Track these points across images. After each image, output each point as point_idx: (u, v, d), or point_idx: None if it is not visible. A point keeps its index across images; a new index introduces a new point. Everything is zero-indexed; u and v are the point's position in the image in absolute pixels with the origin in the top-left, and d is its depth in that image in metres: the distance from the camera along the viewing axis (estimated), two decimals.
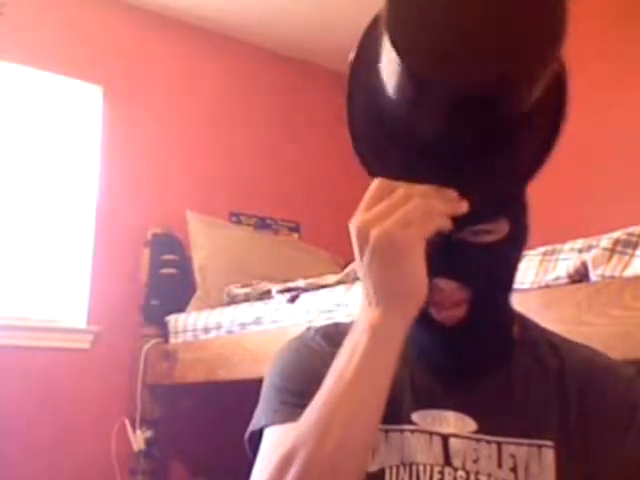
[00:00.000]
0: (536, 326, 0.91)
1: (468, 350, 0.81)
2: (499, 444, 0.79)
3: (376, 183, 0.71)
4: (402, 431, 0.81)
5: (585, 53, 2.79)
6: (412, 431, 0.81)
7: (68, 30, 2.92)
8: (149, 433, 2.73)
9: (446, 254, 0.74)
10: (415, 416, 0.81)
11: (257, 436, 0.84)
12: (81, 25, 2.96)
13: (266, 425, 0.82)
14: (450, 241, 0.74)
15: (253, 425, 0.85)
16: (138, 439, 2.71)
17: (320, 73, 3.64)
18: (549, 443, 0.79)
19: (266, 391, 0.87)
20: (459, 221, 0.71)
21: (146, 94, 3.11)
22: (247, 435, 0.86)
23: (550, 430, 0.79)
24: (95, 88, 2.96)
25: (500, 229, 0.77)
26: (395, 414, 0.81)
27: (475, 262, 0.76)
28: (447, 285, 0.76)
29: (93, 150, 2.93)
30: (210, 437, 2.87)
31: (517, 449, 0.78)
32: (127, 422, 2.75)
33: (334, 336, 0.86)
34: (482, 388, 0.82)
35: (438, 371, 0.84)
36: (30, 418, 2.61)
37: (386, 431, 0.81)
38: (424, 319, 0.77)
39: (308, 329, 0.92)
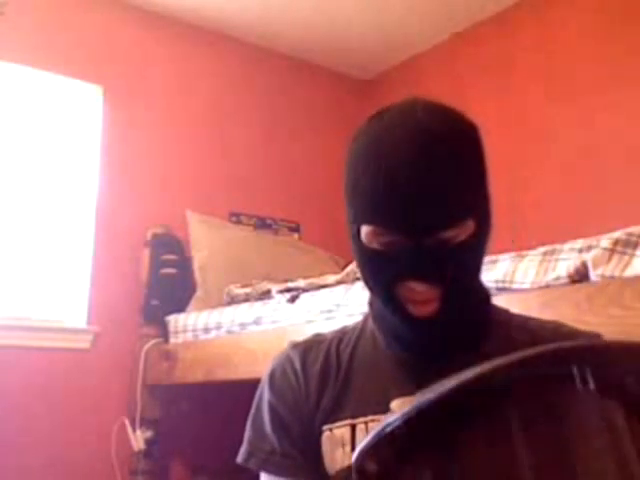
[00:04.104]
0: (505, 311, 0.99)
1: (439, 338, 0.89)
2: None
3: None
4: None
5: (585, 53, 2.79)
6: None
7: (68, 30, 2.92)
8: (149, 433, 2.73)
9: (417, 259, 0.81)
10: (394, 404, 0.85)
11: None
12: (81, 25, 2.96)
13: (255, 467, 0.95)
14: (420, 248, 0.80)
15: (243, 457, 0.96)
16: (138, 439, 2.71)
17: (319, 73, 3.64)
18: None
19: (252, 427, 0.97)
20: (426, 228, 0.79)
21: (146, 94, 3.11)
22: (239, 459, 0.97)
23: None
24: (95, 88, 2.96)
25: (467, 229, 0.82)
26: (377, 405, 0.88)
27: (444, 263, 0.82)
28: (419, 286, 0.82)
29: (93, 150, 2.93)
30: (210, 437, 2.87)
31: None
32: (127, 422, 2.75)
33: (312, 349, 0.97)
34: (454, 370, 0.85)
35: (415, 359, 0.90)
36: (30, 418, 2.61)
37: (366, 423, 0.88)
38: (401, 313, 0.86)
39: (288, 345, 1.01)
